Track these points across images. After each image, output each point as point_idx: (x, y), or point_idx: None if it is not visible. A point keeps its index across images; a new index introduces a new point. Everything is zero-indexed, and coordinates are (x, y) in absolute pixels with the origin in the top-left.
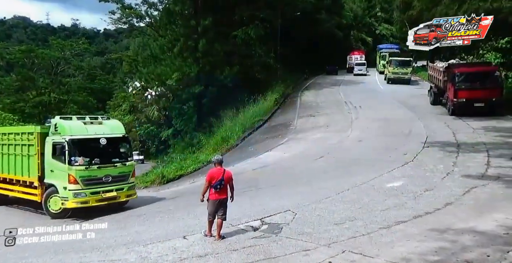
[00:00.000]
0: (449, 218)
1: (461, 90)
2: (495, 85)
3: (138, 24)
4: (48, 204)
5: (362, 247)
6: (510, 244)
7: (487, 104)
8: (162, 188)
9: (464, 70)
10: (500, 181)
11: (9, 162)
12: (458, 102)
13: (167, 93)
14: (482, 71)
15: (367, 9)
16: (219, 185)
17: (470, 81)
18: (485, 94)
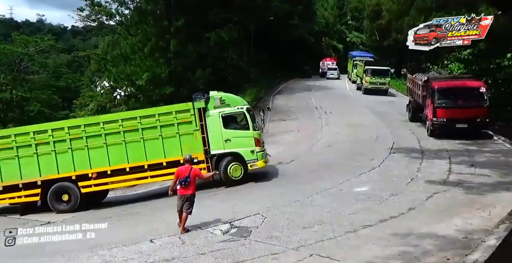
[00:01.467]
0: (412, 222)
1: (441, 108)
2: (481, 103)
3: (107, 22)
4: (228, 173)
5: (329, 251)
6: (469, 248)
7: (471, 125)
8: (129, 191)
9: (445, 85)
10: (460, 187)
11: (153, 146)
12: (437, 122)
13: (137, 94)
14: (465, 87)
15: (338, 16)
16: (184, 182)
17: (452, 98)
18: (469, 114)
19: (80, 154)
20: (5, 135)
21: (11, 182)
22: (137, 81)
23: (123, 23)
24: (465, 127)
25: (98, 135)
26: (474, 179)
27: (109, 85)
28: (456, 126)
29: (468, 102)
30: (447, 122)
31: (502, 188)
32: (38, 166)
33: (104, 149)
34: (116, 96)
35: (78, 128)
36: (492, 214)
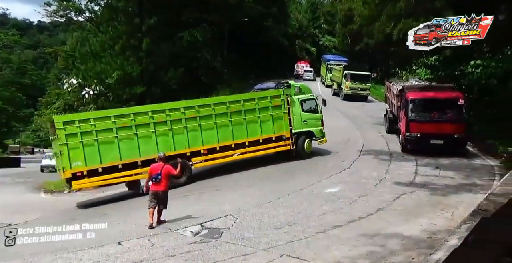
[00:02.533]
0: (380, 223)
1: (415, 122)
2: (459, 117)
3: (76, 18)
4: (305, 148)
5: (299, 251)
6: (433, 248)
7: (447, 141)
8: (98, 192)
9: (420, 96)
10: (426, 189)
11: (252, 125)
12: (410, 137)
13: (106, 92)
14: (442, 98)
15: (311, 20)
16: (155, 179)
17: (427, 111)
18: (446, 129)
19: (194, 133)
20: (125, 113)
21: (130, 160)
22: (107, 80)
23: (92, 20)
24: (440, 144)
25: (209, 115)
26: (438, 181)
27: (77, 83)
28: (430, 143)
29: (445, 115)
30: (421, 137)
31: (464, 189)
32: (156, 144)
33: (214, 128)
34: (84, 95)
35: (192, 109)
36: (455, 214)
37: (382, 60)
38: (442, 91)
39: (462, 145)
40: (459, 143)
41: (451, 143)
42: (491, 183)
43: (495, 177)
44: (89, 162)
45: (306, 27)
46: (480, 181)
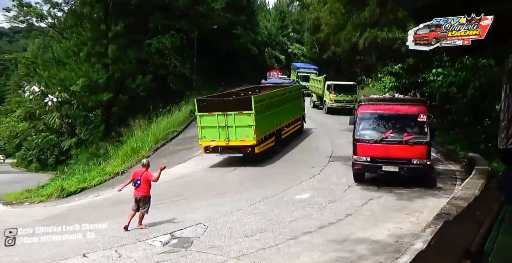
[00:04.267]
0: (349, 228)
1: (363, 142)
2: (419, 137)
3: (38, 24)
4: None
5: (270, 258)
6: (399, 252)
7: (404, 168)
8: (61, 202)
9: (371, 110)
10: (392, 194)
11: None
12: (358, 162)
13: (70, 100)
14: (399, 113)
15: (280, 28)
16: (135, 183)
17: (379, 130)
18: (401, 153)
19: (281, 114)
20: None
21: (269, 132)
22: (71, 87)
23: (55, 26)
24: (395, 172)
25: (284, 102)
26: (404, 186)
27: (40, 90)
28: (382, 169)
29: (401, 135)
30: (371, 162)
31: (428, 194)
32: (274, 121)
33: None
34: (47, 102)
35: (284, 95)
36: (420, 218)
37: (349, 68)
38: (402, 105)
39: (423, 174)
40: (419, 171)
41: (409, 170)
42: (453, 187)
43: (457, 181)
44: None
45: (275, 35)
46: (443, 186)
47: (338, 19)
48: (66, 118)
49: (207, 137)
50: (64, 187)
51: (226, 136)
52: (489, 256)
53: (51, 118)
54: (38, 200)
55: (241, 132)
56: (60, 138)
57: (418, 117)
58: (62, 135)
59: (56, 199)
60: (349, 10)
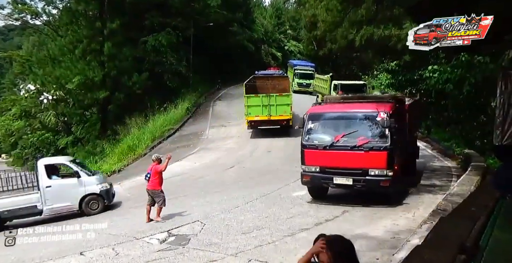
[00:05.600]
0: (346, 224)
1: (312, 149)
2: (377, 143)
3: (33, 22)
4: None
5: (267, 255)
6: (396, 248)
7: (359, 180)
8: None
9: (322, 111)
10: None
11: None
12: (306, 172)
13: (66, 98)
14: (353, 113)
15: (277, 25)
16: (146, 177)
17: (330, 133)
18: (355, 161)
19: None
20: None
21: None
22: (67, 85)
23: (50, 23)
24: (348, 184)
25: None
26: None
27: (35, 89)
28: (334, 182)
29: (355, 139)
30: (321, 173)
31: (425, 190)
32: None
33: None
34: (42, 100)
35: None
36: (416, 215)
37: (345, 65)
38: (362, 103)
39: (383, 188)
40: (376, 184)
41: (366, 183)
42: (449, 184)
43: (453, 177)
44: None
45: (272, 32)
46: (439, 182)
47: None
48: (62, 116)
49: (252, 113)
50: None
51: (268, 112)
52: (484, 251)
53: (47, 117)
54: None
55: (281, 109)
56: (56, 136)
57: (376, 117)
58: (58, 134)
59: None
60: (345, 7)
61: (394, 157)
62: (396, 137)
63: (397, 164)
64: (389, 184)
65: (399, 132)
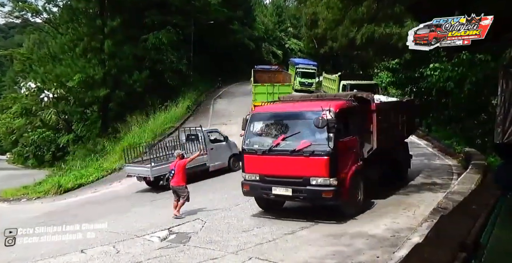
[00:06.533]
0: (346, 223)
1: (251, 154)
2: (317, 148)
3: (33, 20)
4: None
5: (268, 253)
6: (396, 246)
7: (300, 191)
8: (58, 199)
9: (263, 111)
10: (389, 188)
11: None
12: (246, 181)
13: (67, 96)
14: (293, 113)
15: (277, 23)
16: (170, 174)
17: (270, 136)
18: (297, 168)
19: None
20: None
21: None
22: (68, 83)
23: (51, 21)
24: (288, 196)
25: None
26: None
27: (36, 87)
28: (272, 192)
29: (296, 143)
30: (261, 182)
31: (425, 188)
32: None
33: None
34: (43, 98)
35: None
36: (417, 213)
37: (346, 64)
38: (310, 101)
39: (326, 200)
40: (318, 195)
41: (307, 194)
42: (450, 182)
43: (453, 176)
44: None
45: (272, 30)
46: (440, 180)
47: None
48: (63, 114)
49: (258, 99)
50: (61, 183)
51: (272, 99)
52: (484, 249)
53: (48, 114)
54: (35, 196)
55: None
56: (57, 134)
57: (318, 116)
58: (58, 132)
59: (53, 196)
60: (346, 5)
61: (338, 163)
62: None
63: (348, 171)
64: (332, 195)
65: (360, 134)
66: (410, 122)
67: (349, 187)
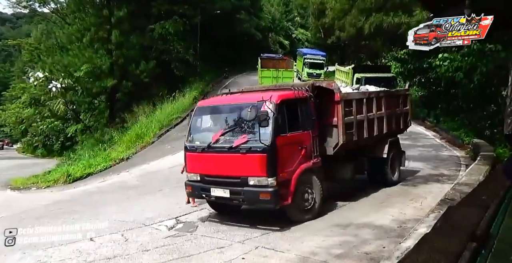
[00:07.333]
0: (352, 213)
1: (192, 152)
2: (258, 140)
3: (41, 10)
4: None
5: (274, 243)
6: (402, 236)
7: (238, 192)
8: (67, 188)
9: (206, 104)
10: None
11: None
12: (189, 182)
13: (75, 86)
14: (237, 104)
15: (284, 13)
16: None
17: (213, 131)
18: (234, 166)
19: None
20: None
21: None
22: (75, 73)
23: (58, 11)
24: (226, 197)
25: None
26: (408, 172)
27: (44, 77)
28: (211, 194)
29: (231, 140)
30: (202, 183)
31: (433, 180)
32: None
33: None
34: (51, 88)
35: None
36: (424, 204)
37: (354, 54)
38: (255, 92)
39: (266, 201)
40: (257, 197)
41: (246, 196)
42: (457, 173)
43: (461, 167)
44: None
45: (279, 20)
46: (447, 172)
47: (343, 4)
48: (71, 104)
49: (264, 83)
50: (70, 172)
51: (276, 82)
52: (495, 239)
53: (56, 104)
54: (44, 185)
55: (285, 80)
56: (65, 124)
57: (262, 107)
58: (67, 121)
59: (62, 185)
60: None
61: (278, 161)
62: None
63: (294, 171)
64: (270, 197)
65: (317, 128)
66: (402, 115)
67: (295, 189)
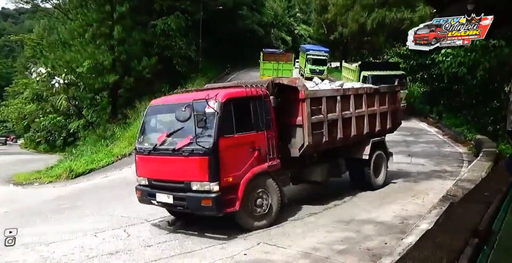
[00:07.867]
0: (354, 209)
1: (141, 154)
2: (200, 142)
3: (43, 5)
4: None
5: (276, 239)
6: (404, 232)
7: (181, 199)
8: (70, 183)
9: (157, 102)
10: (398, 176)
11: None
12: (139, 186)
13: (77, 82)
14: (182, 103)
15: (286, 9)
16: None
17: (161, 132)
18: (177, 170)
19: None
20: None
21: None
22: (78, 68)
23: (60, 7)
24: (170, 203)
25: None
26: (410, 168)
27: (46, 72)
28: (156, 199)
29: (176, 142)
30: (149, 187)
31: (435, 176)
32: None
33: None
34: (54, 84)
35: None
36: (426, 200)
37: (356, 49)
38: (206, 91)
39: (207, 208)
40: (199, 204)
41: (189, 203)
42: (460, 170)
43: (464, 163)
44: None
45: (281, 16)
46: (450, 168)
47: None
48: (73, 100)
49: (265, 74)
50: (73, 168)
51: (276, 74)
52: (497, 235)
53: (58, 100)
54: (47, 180)
55: (285, 72)
56: (68, 120)
57: (206, 107)
58: (69, 117)
59: (65, 180)
60: None
61: (222, 165)
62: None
63: (243, 175)
64: (212, 203)
65: (275, 128)
66: (390, 114)
67: (244, 194)
